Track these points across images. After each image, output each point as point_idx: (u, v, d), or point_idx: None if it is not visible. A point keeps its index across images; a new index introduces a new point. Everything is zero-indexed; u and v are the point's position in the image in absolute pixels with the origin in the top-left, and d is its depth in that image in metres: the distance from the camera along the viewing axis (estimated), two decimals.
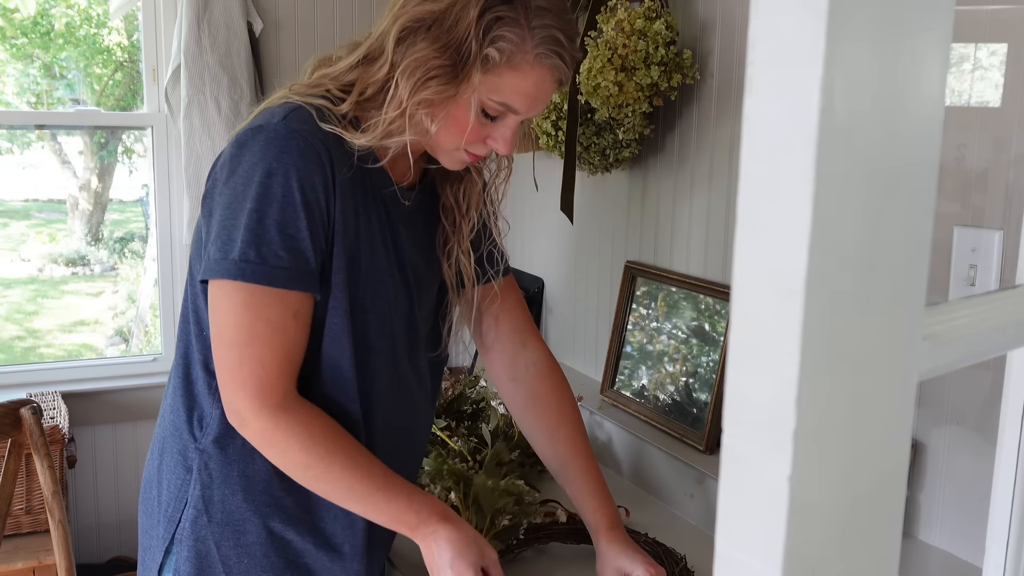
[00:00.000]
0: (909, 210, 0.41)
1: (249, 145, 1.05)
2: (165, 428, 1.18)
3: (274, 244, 1.03)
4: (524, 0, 1.04)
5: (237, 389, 1.05)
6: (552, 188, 2.07)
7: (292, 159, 1.03)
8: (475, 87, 1.06)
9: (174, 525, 1.14)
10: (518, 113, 1.09)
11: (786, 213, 0.37)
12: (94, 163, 3.94)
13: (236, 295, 1.04)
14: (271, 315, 1.04)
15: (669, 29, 1.60)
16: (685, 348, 1.71)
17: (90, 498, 2.60)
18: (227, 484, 1.13)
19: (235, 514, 1.13)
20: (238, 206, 1.04)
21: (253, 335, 1.04)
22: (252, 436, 1.08)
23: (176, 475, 1.14)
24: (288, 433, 1.05)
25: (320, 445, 1.06)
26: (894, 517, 0.44)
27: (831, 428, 0.39)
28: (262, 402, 1.05)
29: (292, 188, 1.03)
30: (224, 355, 1.06)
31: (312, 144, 1.04)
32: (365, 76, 1.10)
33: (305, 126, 1.05)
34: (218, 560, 1.13)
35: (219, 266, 1.04)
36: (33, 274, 4.60)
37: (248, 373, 1.04)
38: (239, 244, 1.03)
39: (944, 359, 0.48)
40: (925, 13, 0.40)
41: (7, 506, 1.58)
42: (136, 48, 2.78)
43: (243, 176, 1.04)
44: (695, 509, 1.55)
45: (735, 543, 0.41)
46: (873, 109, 0.38)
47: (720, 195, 1.67)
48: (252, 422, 1.06)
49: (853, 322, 0.39)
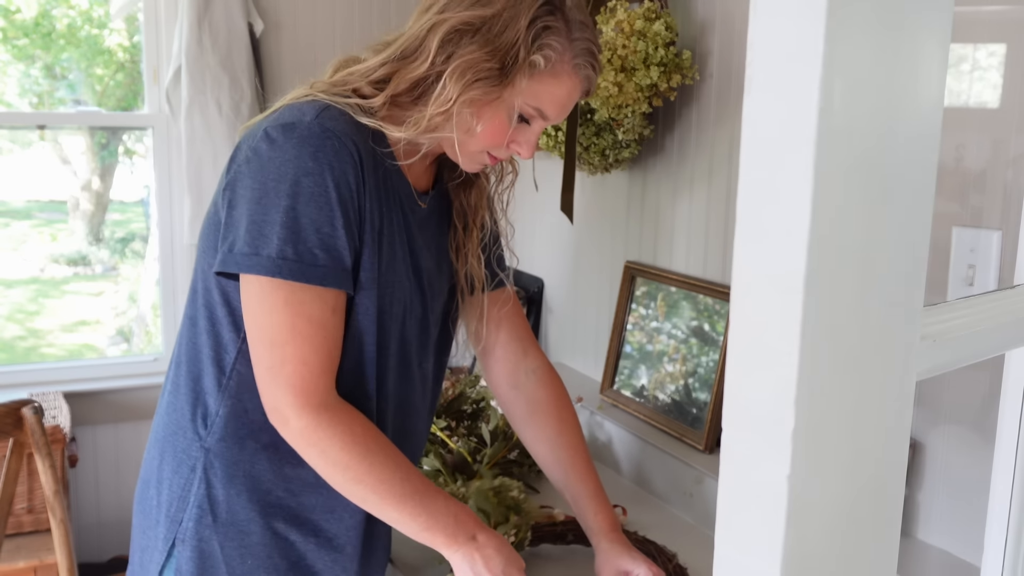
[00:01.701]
0: (908, 210, 0.41)
1: (281, 142, 1.05)
2: (166, 426, 1.17)
3: (310, 242, 1.04)
4: (567, 13, 1.10)
5: (280, 387, 1.05)
6: (552, 188, 2.07)
7: (327, 158, 1.04)
8: (519, 91, 1.10)
9: (176, 525, 1.13)
10: (547, 119, 1.14)
11: (785, 213, 0.38)
12: (95, 163, 3.94)
13: (276, 293, 1.04)
14: (312, 312, 1.04)
15: (668, 30, 1.60)
16: (685, 348, 1.71)
17: (91, 497, 2.61)
18: (232, 484, 1.12)
19: (240, 515, 1.12)
20: (269, 202, 1.04)
21: (295, 333, 1.04)
22: (293, 435, 1.07)
23: (179, 475, 1.14)
24: (331, 432, 1.05)
25: (360, 445, 1.06)
26: (893, 516, 0.44)
27: (830, 427, 0.40)
28: (305, 400, 1.05)
29: (328, 187, 1.04)
30: (265, 354, 1.05)
31: (346, 144, 1.06)
32: (403, 72, 1.11)
33: (338, 125, 1.06)
34: (221, 561, 1.12)
35: (252, 261, 1.04)
36: (34, 274, 4.60)
37: (291, 371, 1.04)
38: (275, 241, 1.03)
39: (942, 358, 0.48)
40: (924, 14, 0.40)
41: (9, 505, 1.59)
42: (137, 49, 2.78)
43: (275, 172, 1.04)
44: (695, 509, 1.55)
45: (735, 542, 0.41)
46: (872, 109, 0.38)
47: (720, 195, 1.67)
48: (294, 421, 1.05)
49: (852, 322, 0.39)
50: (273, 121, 1.07)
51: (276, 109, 1.11)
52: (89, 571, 2.52)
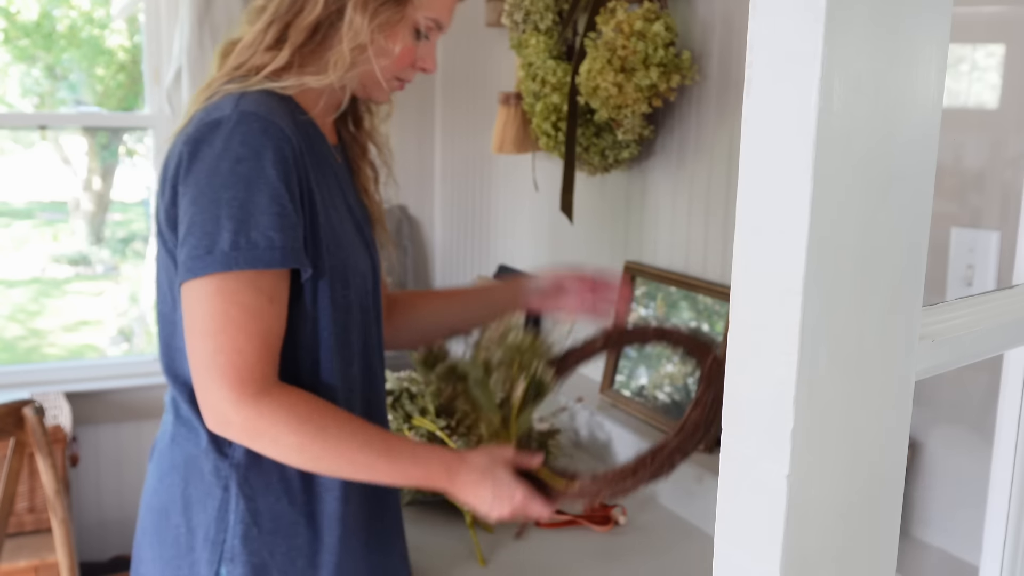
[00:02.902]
0: (907, 210, 0.41)
1: (208, 140, 1.02)
2: (184, 455, 1.13)
3: (262, 226, 1.01)
4: None
5: (215, 379, 1.01)
6: (552, 188, 2.08)
7: (257, 141, 1.02)
8: (420, 5, 1.12)
9: (219, 546, 1.10)
10: (442, 29, 1.16)
11: (785, 213, 0.38)
12: (96, 164, 3.94)
13: (208, 285, 1.01)
14: (245, 300, 1.01)
15: (668, 30, 1.60)
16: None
17: (92, 497, 2.61)
18: (270, 491, 1.10)
19: (283, 519, 1.11)
20: (210, 200, 1.01)
21: (228, 320, 1.01)
22: (239, 432, 1.04)
23: (212, 496, 1.10)
24: (275, 418, 1.02)
25: (308, 423, 1.03)
26: (892, 515, 0.44)
27: (829, 427, 0.40)
28: (242, 390, 1.01)
29: (265, 167, 1.01)
30: (199, 346, 1.02)
31: (272, 123, 1.03)
32: (297, 22, 1.09)
33: (260, 107, 1.04)
34: (274, 568, 1.10)
35: (202, 262, 1.01)
36: (36, 274, 4.61)
37: (225, 361, 1.01)
38: (226, 234, 1.00)
39: (941, 358, 0.49)
40: (923, 14, 0.40)
41: (10, 505, 1.59)
42: (138, 50, 2.78)
43: (207, 170, 1.02)
44: (695, 508, 1.56)
45: (734, 542, 0.41)
46: (871, 110, 0.39)
47: (719, 196, 1.67)
48: (234, 415, 1.02)
49: (851, 322, 0.40)
50: (194, 129, 1.04)
51: (193, 116, 1.08)
52: (90, 570, 2.53)
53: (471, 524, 1.48)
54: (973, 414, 1.24)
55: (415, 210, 2.84)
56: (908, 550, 1.29)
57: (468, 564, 1.42)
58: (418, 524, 1.54)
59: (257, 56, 1.10)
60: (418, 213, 2.84)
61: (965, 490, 1.26)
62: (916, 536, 1.32)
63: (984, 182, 1.21)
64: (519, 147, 2.02)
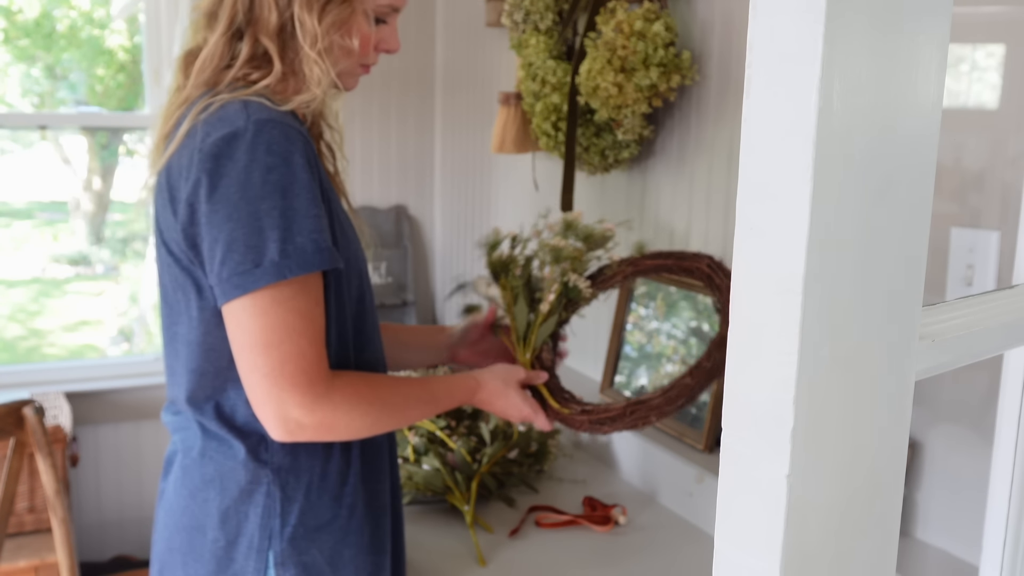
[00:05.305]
0: (906, 210, 0.41)
1: (228, 154, 1.00)
2: (217, 468, 1.11)
3: (306, 230, 1.01)
4: None
5: (285, 389, 1.01)
6: (552, 188, 2.08)
7: (283, 147, 1.01)
8: None
9: (265, 553, 1.09)
10: (398, 9, 1.17)
11: (785, 213, 0.38)
12: (96, 164, 3.94)
13: (263, 298, 1.00)
14: (300, 305, 1.02)
15: (668, 30, 1.60)
16: (684, 348, 1.71)
17: (93, 497, 2.61)
18: (311, 490, 1.11)
19: (327, 514, 1.12)
20: (248, 213, 0.99)
21: (290, 330, 1.01)
22: (313, 433, 1.05)
23: (256, 505, 1.10)
24: (347, 408, 1.06)
25: (373, 402, 1.09)
26: (891, 515, 0.44)
27: (829, 427, 0.40)
28: (313, 393, 1.02)
29: (297, 172, 1.01)
30: (261, 361, 1.01)
31: (290, 125, 1.04)
32: (260, 31, 1.08)
33: (270, 113, 1.03)
34: (326, 564, 1.11)
35: (251, 276, 1.00)
36: (36, 274, 4.61)
37: (294, 369, 1.02)
38: (272, 244, 0.99)
39: (941, 358, 0.49)
40: (923, 14, 0.40)
41: (10, 505, 1.59)
42: (138, 50, 2.78)
43: (238, 184, 1.00)
44: (695, 508, 1.56)
45: (734, 542, 0.41)
46: (871, 110, 0.39)
47: (719, 196, 1.67)
48: (308, 419, 1.03)
49: (851, 322, 0.40)
50: (208, 144, 1.02)
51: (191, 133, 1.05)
52: (90, 570, 2.53)
53: (471, 524, 1.48)
54: (973, 414, 1.24)
55: (415, 210, 2.84)
56: (908, 550, 1.29)
57: (468, 564, 1.42)
58: (418, 524, 1.54)
59: (246, 70, 1.09)
60: (418, 213, 2.84)
61: (965, 490, 1.26)
62: (916, 536, 1.32)
63: (984, 182, 1.21)
64: (519, 147, 2.02)
